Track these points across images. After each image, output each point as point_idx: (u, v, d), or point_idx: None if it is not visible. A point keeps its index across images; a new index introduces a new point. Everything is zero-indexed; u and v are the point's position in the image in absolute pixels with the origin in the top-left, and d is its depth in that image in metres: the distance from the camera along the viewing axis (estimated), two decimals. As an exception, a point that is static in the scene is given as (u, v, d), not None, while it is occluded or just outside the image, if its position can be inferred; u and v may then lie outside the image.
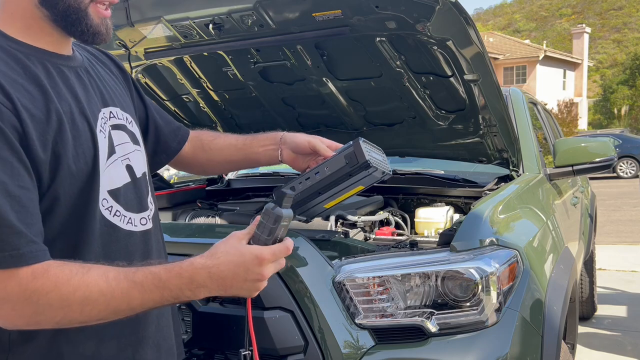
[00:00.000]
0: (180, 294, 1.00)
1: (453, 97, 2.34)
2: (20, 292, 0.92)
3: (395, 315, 1.60)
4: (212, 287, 1.01)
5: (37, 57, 1.05)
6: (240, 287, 1.03)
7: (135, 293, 0.98)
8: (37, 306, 0.93)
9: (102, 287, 0.96)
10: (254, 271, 1.02)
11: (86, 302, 0.95)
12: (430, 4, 1.81)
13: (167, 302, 1.01)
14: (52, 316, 0.95)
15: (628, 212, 11.20)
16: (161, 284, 0.99)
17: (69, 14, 1.06)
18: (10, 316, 0.94)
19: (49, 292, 0.93)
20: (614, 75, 49.41)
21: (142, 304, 0.99)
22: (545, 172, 2.85)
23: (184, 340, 1.67)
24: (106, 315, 0.98)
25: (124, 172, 1.16)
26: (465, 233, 1.71)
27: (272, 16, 2.05)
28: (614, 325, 4.47)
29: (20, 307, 0.93)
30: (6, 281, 0.91)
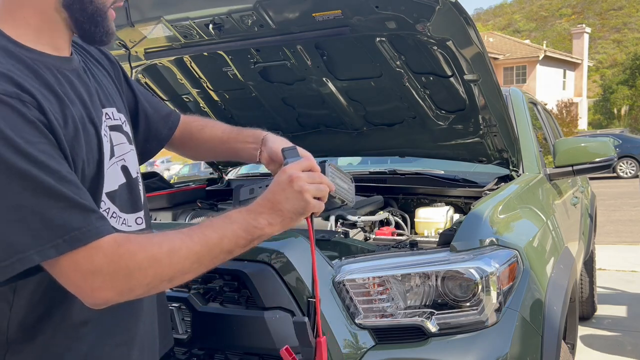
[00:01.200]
0: (248, 225, 1.07)
1: (453, 97, 2.34)
2: (108, 262, 0.94)
3: (395, 315, 1.60)
4: (267, 211, 1.09)
5: (43, 63, 1.05)
6: (285, 197, 1.10)
7: (210, 232, 1.04)
8: (127, 271, 0.96)
9: (181, 236, 1.02)
10: (283, 177, 1.11)
11: (172, 252, 1.00)
12: (430, 4, 1.81)
13: (241, 238, 1.07)
14: (142, 278, 0.98)
15: (628, 212, 11.20)
16: (227, 220, 1.07)
17: (96, 16, 1.09)
18: (104, 289, 0.96)
19: (137, 254, 0.97)
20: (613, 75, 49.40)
21: (219, 242, 1.05)
22: (545, 172, 2.85)
23: (184, 340, 1.68)
24: (191, 263, 1.02)
25: (120, 173, 1.19)
26: (465, 233, 1.71)
27: (272, 16, 2.05)
28: (614, 325, 4.47)
29: (111, 277, 0.95)
30: (92, 256, 0.94)
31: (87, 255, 0.94)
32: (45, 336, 1.06)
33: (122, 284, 0.97)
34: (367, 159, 3.70)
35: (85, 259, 0.94)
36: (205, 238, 1.04)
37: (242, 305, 1.64)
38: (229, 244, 1.07)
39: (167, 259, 1.00)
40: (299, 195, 1.11)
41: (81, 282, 0.95)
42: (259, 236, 1.10)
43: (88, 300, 0.98)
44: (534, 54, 35.88)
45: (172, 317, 1.69)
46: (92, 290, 0.96)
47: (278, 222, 1.11)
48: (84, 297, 0.98)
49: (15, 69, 0.98)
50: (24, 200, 0.90)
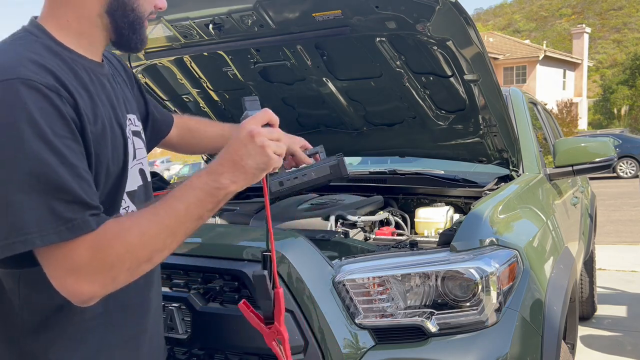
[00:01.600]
0: (211, 188, 1.06)
1: (453, 97, 2.34)
2: (89, 255, 0.97)
3: (395, 315, 1.60)
4: (228, 169, 1.07)
5: (81, 64, 1.13)
6: (247, 153, 1.08)
7: (175, 204, 1.04)
8: (107, 259, 0.98)
9: (147, 215, 1.04)
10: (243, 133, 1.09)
11: (143, 234, 1.01)
12: (430, 4, 1.81)
13: (207, 202, 1.06)
14: (122, 263, 1.00)
15: (628, 212, 11.20)
16: (189, 187, 1.06)
17: (135, 24, 1.18)
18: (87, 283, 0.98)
19: (112, 242, 0.99)
20: (613, 75, 49.38)
21: (186, 211, 1.05)
22: (545, 172, 2.85)
23: (184, 340, 1.68)
24: (164, 238, 1.03)
25: (138, 175, 1.26)
26: (465, 233, 1.71)
27: (272, 16, 2.05)
28: (614, 325, 4.47)
29: (94, 271, 0.98)
30: (76, 249, 0.97)
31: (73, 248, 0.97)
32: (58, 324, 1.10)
33: (104, 276, 0.99)
34: (367, 159, 3.70)
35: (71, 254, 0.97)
36: (172, 210, 1.05)
37: (242, 306, 1.64)
38: (196, 210, 1.06)
39: (139, 241, 1.01)
40: (261, 151, 1.09)
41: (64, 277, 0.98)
42: (225, 195, 1.09)
43: (75, 297, 1.00)
44: (534, 54, 35.88)
45: (172, 317, 1.69)
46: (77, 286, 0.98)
47: (241, 179, 1.09)
48: (70, 295, 0.99)
49: (58, 66, 1.05)
50: (38, 186, 0.94)
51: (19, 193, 0.94)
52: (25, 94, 0.97)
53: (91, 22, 1.14)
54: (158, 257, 1.06)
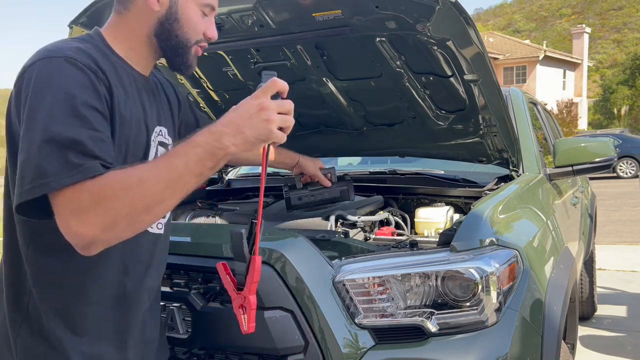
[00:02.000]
0: (212, 147, 1.12)
1: (453, 97, 2.34)
2: (90, 198, 1.06)
3: (395, 315, 1.61)
4: (229, 132, 1.12)
5: (124, 69, 1.30)
6: (251, 124, 1.13)
7: (175, 159, 1.11)
8: (106, 202, 1.06)
9: (148, 166, 1.13)
10: (250, 104, 1.14)
11: (141, 181, 1.08)
12: (430, 4, 1.81)
13: (206, 160, 1.12)
14: (120, 208, 1.07)
15: (628, 212, 11.20)
16: (190, 144, 1.12)
17: (178, 48, 1.35)
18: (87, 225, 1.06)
19: (110, 184, 1.07)
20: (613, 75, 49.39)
21: (185, 166, 1.11)
22: (545, 172, 2.85)
23: (185, 340, 1.68)
24: (163, 189, 1.10)
25: None
26: (465, 233, 1.71)
27: (272, 16, 2.05)
28: (614, 325, 4.47)
29: (94, 212, 1.06)
30: (78, 193, 1.06)
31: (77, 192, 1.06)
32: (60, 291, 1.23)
33: (103, 216, 1.06)
34: (367, 159, 3.70)
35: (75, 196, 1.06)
36: (171, 164, 1.11)
37: (242, 305, 1.64)
38: (195, 168, 1.12)
39: (138, 187, 1.08)
40: (265, 124, 1.14)
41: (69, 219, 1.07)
42: (224, 155, 1.14)
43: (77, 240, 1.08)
44: (534, 54, 35.87)
45: (173, 316, 1.69)
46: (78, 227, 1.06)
47: (241, 143, 1.14)
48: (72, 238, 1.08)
49: (100, 59, 1.22)
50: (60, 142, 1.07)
51: (44, 147, 1.07)
52: (68, 68, 1.15)
53: (141, 41, 1.33)
54: (158, 209, 1.11)
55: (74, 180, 1.06)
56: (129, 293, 1.34)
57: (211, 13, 1.38)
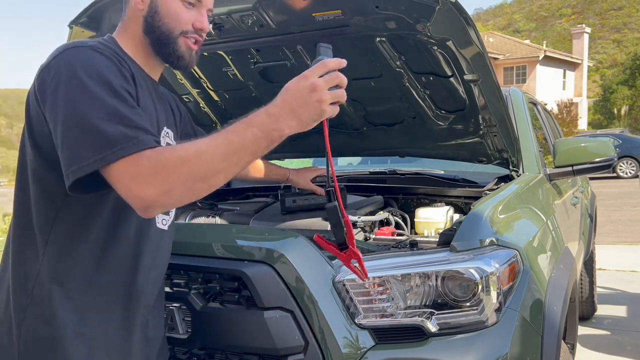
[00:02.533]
0: (268, 128, 1.16)
1: (453, 97, 2.34)
2: (149, 165, 1.12)
3: (395, 315, 1.60)
4: (285, 114, 1.17)
5: (137, 70, 1.37)
6: (305, 104, 1.17)
7: (232, 136, 1.16)
8: (165, 170, 1.12)
9: (206, 140, 1.17)
10: (302, 85, 1.18)
11: (198, 152, 1.14)
12: (430, 4, 1.81)
13: (262, 139, 1.16)
14: (177, 176, 1.12)
15: (628, 212, 11.20)
16: (247, 124, 1.16)
17: (162, 39, 1.39)
18: (147, 188, 1.12)
19: (169, 156, 1.14)
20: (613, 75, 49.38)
21: (242, 143, 1.15)
22: (545, 172, 2.84)
23: (185, 340, 1.68)
24: (219, 161, 1.15)
25: None
26: (465, 233, 1.71)
27: (272, 16, 2.05)
28: (614, 325, 4.47)
29: (152, 177, 1.12)
30: (137, 160, 1.12)
31: (135, 160, 1.12)
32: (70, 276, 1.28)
33: (161, 182, 1.12)
34: (367, 159, 3.70)
35: (134, 164, 1.12)
36: (228, 140, 1.16)
37: (242, 305, 1.64)
38: (251, 146, 1.16)
39: (196, 158, 1.13)
40: (317, 105, 1.18)
41: (130, 184, 1.12)
42: (279, 137, 1.18)
43: (137, 202, 1.14)
44: (534, 54, 35.87)
45: (172, 317, 1.69)
46: (139, 190, 1.12)
47: (295, 125, 1.18)
48: (134, 200, 1.14)
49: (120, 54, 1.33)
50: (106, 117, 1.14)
51: (93, 123, 1.13)
52: (95, 55, 1.23)
53: (139, 41, 1.40)
54: (214, 179, 1.17)
55: (131, 150, 1.12)
56: (137, 283, 1.38)
57: (198, 5, 1.41)
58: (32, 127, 1.25)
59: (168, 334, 1.66)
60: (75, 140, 1.14)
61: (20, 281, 1.30)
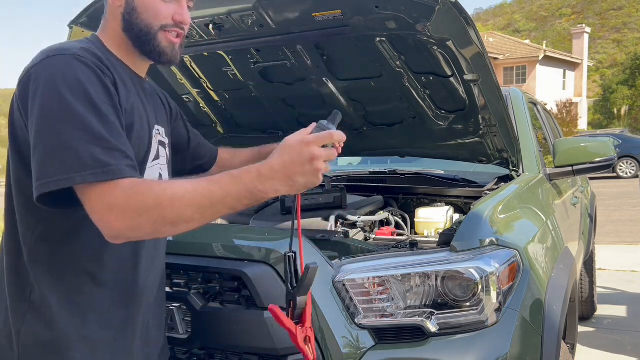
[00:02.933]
0: (254, 189, 1.14)
1: (453, 97, 2.34)
2: (123, 197, 1.11)
3: (395, 315, 1.60)
4: (278, 178, 1.14)
5: (122, 69, 1.35)
6: (302, 172, 1.15)
7: (215, 189, 1.13)
8: (137, 208, 1.11)
9: (186, 185, 1.14)
10: (304, 152, 1.15)
11: (175, 198, 1.12)
12: (430, 4, 1.81)
13: (245, 198, 1.14)
14: (149, 216, 1.11)
15: (628, 212, 11.20)
16: (235, 180, 1.14)
17: (141, 36, 1.35)
18: (117, 220, 1.11)
19: (145, 194, 1.12)
20: (613, 75, 49.38)
21: (222, 199, 1.13)
22: (545, 172, 2.84)
23: (184, 340, 1.68)
24: (193, 212, 1.13)
25: (157, 176, 1.40)
26: (465, 233, 1.71)
27: (272, 16, 2.05)
28: (614, 325, 4.47)
29: (124, 211, 1.11)
30: (113, 190, 1.11)
31: (111, 188, 1.11)
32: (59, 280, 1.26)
33: (131, 218, 1.11)
34: (367, 159, 3.70)
35: (109, 192, 1.11)
36: (210, 193, 1.13)
37: (242, 305, 1.64)
38: (231, 202, 1.14)
39: (169, 203, 1.11)
40: (315, 173, 1.17)
41: (102, 210, 1.12)
42: (263, 199, 1.17)
43: (106, 230, 1.13)
44: (534, 54, 35.86)
45: (172, 317, 1.69)
46: (109, 220, 1.12)
47: (285, 190, 1.17)
48: (103, 226, 1.13)
49: (104, 58, 1.29)
50: (82, 136, 1.12)
51: (67, 141, 1.11)
52: (76, 64, 1.19)
53: (121, 39, 1.36)
54: (184, 226, 1.15)
55: (102, 178, 1.10)
56: (138, 282, 1.37)
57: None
58: (15, 133, 1.23)
59: (168, 334, 1.66)
60: (46, 155, 1.12)
61: (17, 289, 1.28)
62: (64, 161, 1.11)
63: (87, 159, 1.11)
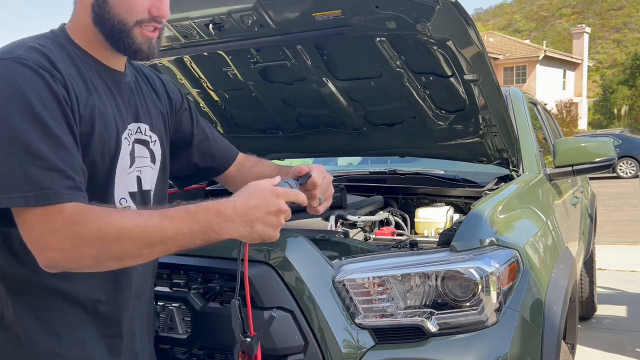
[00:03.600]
0: (209, 229, 1.07)
1: (453, 97, 2.34)
2: (64, 224, 1.01)
3: (395, 315, 1.60)
4: (238, 221, 1.09)
5: (89, 64, 1.22)
6: (264, 220, 1.11)
7: (167, 225, 1.05)
8: (79, 238, 1.02)
9: (137, 219, 1.05)
10: (272, 202, 1.12)
11: (122, 232, 1.03)
12: (430, 4, 1.81)
13: (198, 238, 1.07)
14: (90, 248, 1.02)
15: (628, 212, 11.20)
16: (190, 216, 1.07)
17: (114, 32, 1.22)
18: (55, 250, 1.02)
19: (90, 223, 1.02)
20: (613, 75, 49.41)
21: (174, 237, 1.05)
22: (545, 172, 2.84)
23: (184, 340, 1.68)
24: (140, 248, 1.05)
25: (135, 181, 1.30)
26: (465, 233, 1.71)
27: (272, 16, 2.05)
28: (614, 325, 4.47)
29: (63, 240, 1.01)
30: (54, 215, 1.01)
31: (49, 214, 1.01)
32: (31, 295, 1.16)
33: (71, 249, 1.02)
34: (367, 159, 3.70)
35: (47, 218, 1.01)
36: (161, 228, 1.05)
37: (242, 305, 1.64)
38: (183, 240, 1.08)
39: (116, 236, 1.03)
40: (277, 228, 1.14)
41: (38, 237, 1.02)
42: (217, 240, 1.10)
43: (41, 259, 1.04)
44: (534, 54, 35.87)
45: (172, 317, 1.69)
46: (46, 248, 1.02)
47: (240, 235, 1.12)
48: (38, 254, 1.04)
49: (57, 55, 1.14)
50: (18, 152, 1.01)
51: (3, 159, 1.01)
52: (17, 69, 1.06)
53: (90, 31, 1.23)
54: (129, 261, 1.07)
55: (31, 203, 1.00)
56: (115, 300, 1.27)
57: None
58: None
59: (167, 334, 1.66)
60: None
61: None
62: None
63: (19, 179, 1.00)
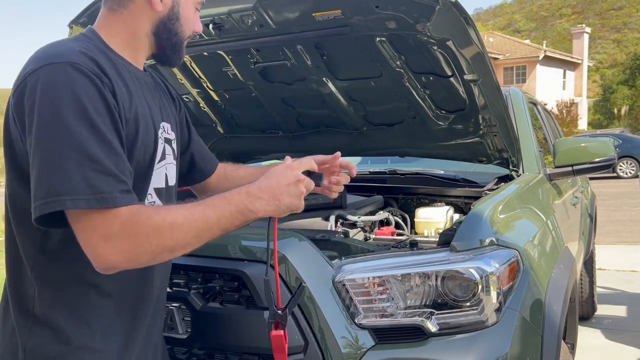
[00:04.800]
0: (244, 208, 1.19)
1: (453, 97, 2.34)
2: (122, 228, 1.08)
3: (395, 315, 1.60)
4: (266, 197, 1.21)
5: (124, 66, 1.29)
6: (287, 192, 1.23)
7: (210, 212, 1.16)
8: (136, 238, 1.09)
9: (183, 212, 1.14)
10: (289, 174, 1.25)
11: (174, 225, 1.12)
12: (430, 4, 1.81)
13: (237, 219, 1.19)
14: (148, 246, 1.10)
15: (628, 212, 11.20)
16: (226, 201, 1.18)
17: (177, 45, 1.37)
18: (113, 253, 1.08)
19: (145, 223, 1.10)
20: (613, 75, 49.38)
21: (217, 221, 1.16)
22: (545, 172, 2.85)
23: (184, 339, 1.68)
24: (191, 237, 1.14)
25: (164, 177, 1.39)
26: (465, 233, 1.71)
27: (272, 16, 2.05)
28: (614, 325, 4.47)
29: (121, 243, 1.08)
30: (111, 220, 1.07)
31: (107, 218, 1.07)
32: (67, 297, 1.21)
33: (130, 251, 1.09)
34: (367, 159, 3.70)
35: (105, 222, 1.07)
36: (205, 217, 1.15)
37: (242, 305, 1.64)
38: (225, 224, 1.18)
39: (169, 231, 1.11)
40: (300, 196, 1.25)
41: (96, 242, 1.08)
42: (253, 218, 1.21)
43: (98, 263, 1.09)
44: (534, 54, 35.87)
45: (172, 316, 1.69)
46: (104, 253, 1.08)
47: (271, 210, 1.23)
48: (95, 259, 1.09)
49: (102, 60, 1.21)
50: (76, 156, 1.07)
51: (59, 161, 1.06)
52: (73, 74, 1.12)
53: (139, 38, 1.32)
54: (180, 251, 1.16)
55: (92, 205, 1.06)
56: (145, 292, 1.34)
57: None
58: (11, 143, 1.16)
59: (168, 334, 1.66)
60: (39, 175, 1.07)
61: (20, 303, 1.24)
62: (54, 183, 1.05)
63: (79, 182, 1.05)
